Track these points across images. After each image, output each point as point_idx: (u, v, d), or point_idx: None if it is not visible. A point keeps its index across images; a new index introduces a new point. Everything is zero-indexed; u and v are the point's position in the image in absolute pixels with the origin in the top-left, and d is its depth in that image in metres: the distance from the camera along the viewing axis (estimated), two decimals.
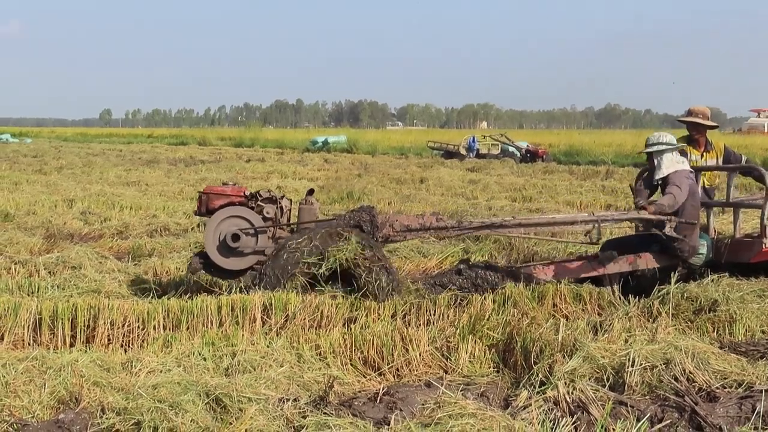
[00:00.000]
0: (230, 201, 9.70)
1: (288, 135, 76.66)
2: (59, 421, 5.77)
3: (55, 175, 29.60)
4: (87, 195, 21.09)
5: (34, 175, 28.93)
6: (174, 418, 5.45)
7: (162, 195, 22.53)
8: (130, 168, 34.03)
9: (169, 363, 6.88)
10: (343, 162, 41.56)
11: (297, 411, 5.89)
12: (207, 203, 9.71)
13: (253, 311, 8.35)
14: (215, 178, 28.08)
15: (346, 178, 29.18)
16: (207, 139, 72.22)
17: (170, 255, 12.34)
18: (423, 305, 8.74)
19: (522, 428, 4.93)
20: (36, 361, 6.59)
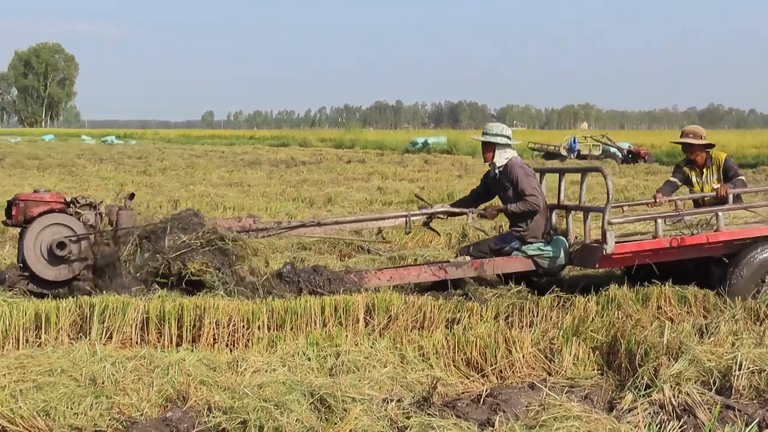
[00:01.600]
0: (50, 208, 9.22)
1: (388, 136, 76.74)
2: (167, 419, 5.85)
3: (159, 176, 30.03)
4: (191, 196, 21.39)
5: (138, 177, 29.39)
6: (279, 418, 5.49)
7: (264, 196, 22.73)
8: (232, 169, 34.40)
9: (274, 363, 6.94)
10: (443, 163, 41.49)
11: (401, 411, 5.90)
12: (25, 211, 9.15)
13: (356, 312, 8.38)
14: (317, 179, 28.26)
15: (446, 179, 29.14)
16: (308, 140, 72.61)
17: (273, 255, 12.40)
18: (526, 306, 8.71)
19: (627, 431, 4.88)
20: (144, 359, 6.71)
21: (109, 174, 30.81)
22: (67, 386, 6.22)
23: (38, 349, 7.24)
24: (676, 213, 10.41)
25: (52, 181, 26.58)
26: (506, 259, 10.13)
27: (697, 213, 10.49)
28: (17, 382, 6.22)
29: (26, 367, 6.47)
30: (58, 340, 7.82)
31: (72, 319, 8.05)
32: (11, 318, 7.89)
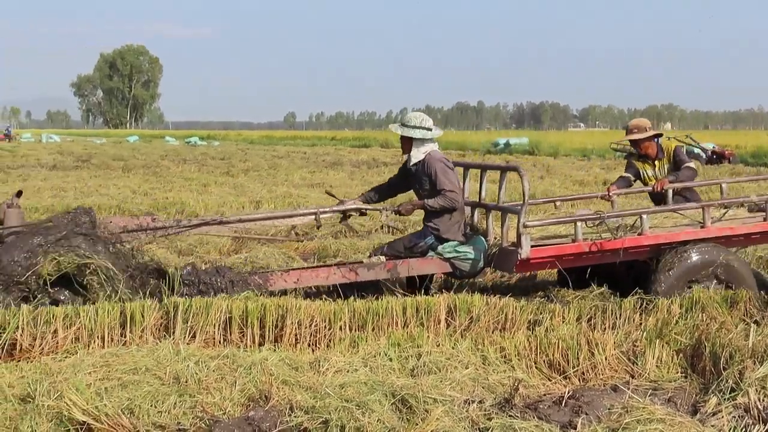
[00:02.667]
0: None
1: (470, 137, 76.72)
2: (249, 418, 5.89)
3: (242, 177, 30.28)
4: (273, 197, 21.54)
5: (221, 177, 29.66)
6: (361, 418, 5.51)
7: (346, 197, 22.76)
8: (314, 170, 34.59)
9: (356, 363, 6.97)
10: (525, 164, 41.28)
11: (482, 413, 5.90)
12: None
13: (438, 313, 8.38)
14: None
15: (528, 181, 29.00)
16: (389, 141, 72.56)
17: (354, 256, 12.45)
18: (608, 308, 8.64)
19: None
20: (227, 359, 6.77)
21: (192, 175, 31.14)
22: (151, 384, 6.29)
23: (123, 348, 7.34)
24: (597, 215, 9.92)
25: (137, 181, 26.93)
26: (422, 261, 9.74)
27: (621, 215, 10.18)
28: (102, 380, 6.31)
29: (111, 366, 6.56)
30: (143, 339, 7.91)
31: (156, 319, 8.14)
32: (97, 317, 8.00)
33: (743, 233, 9.85)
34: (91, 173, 32.70)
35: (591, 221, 9.77)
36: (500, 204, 9.98)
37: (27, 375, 6.47)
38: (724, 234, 9.69)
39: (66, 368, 6.56)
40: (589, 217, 9.80)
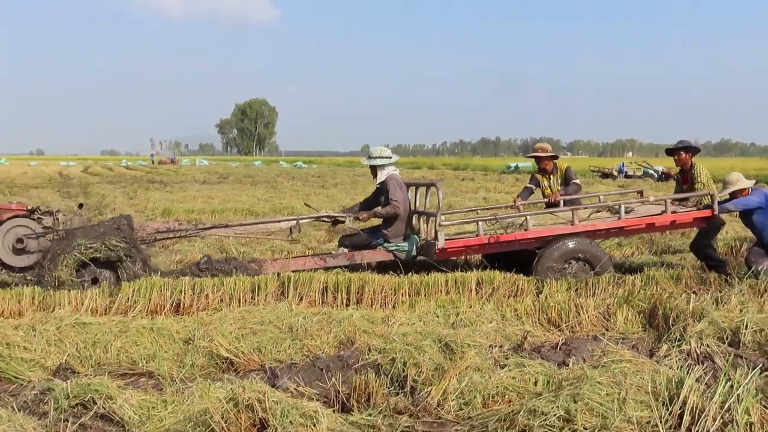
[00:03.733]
0: (15, 214, 8.88)
1: (490, 162, 76.30)
2: (340, 356, 5.91)
3: (333, 189, 30.31)
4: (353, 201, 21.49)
5: (318, 189, 29.72)
6: (417, 357, 5.50)
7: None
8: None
9: (413, 319, 6.97)
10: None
11: (502, 354, 5.85)
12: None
13: (470, 284, 8.35)
14: None
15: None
16: (434, 164, 72.60)
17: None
18: (590, 282, 8.56)
19: (665, 372, 4.77)
20: (324, 315, 6.80)
21: (298, 187, 31.25)
22: (273, 332, 6.35)
23: (253, 307, 7.39)
24: (494, 217, 9.82)
25: (260, 192, 27.05)
26: (373, 252, 9.56)
27: (513, 216, 10.02)
28: (239, 329, 6.36)
29: (245, 319, 6.61)
30: (266, 300, 7.97)
31: (275, 287, 8.19)
32: (234, 285, 8.08)
33: (601, 228, 9.66)
34: (229, 186, 32.92)
35: (490, 221, 9.65)
36: (425, 210, 10.00)
37: (188, 325, 6.53)
38: (587, 229, 9.50)
39: (214, 320, 6.62)
40: (487, 218, 9.70)
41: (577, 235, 9.37)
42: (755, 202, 9.48)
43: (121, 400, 4.63)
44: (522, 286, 8.42)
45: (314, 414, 4.30)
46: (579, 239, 9.33)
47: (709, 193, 9.69)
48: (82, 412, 4.61)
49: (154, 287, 7.93)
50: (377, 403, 4.92)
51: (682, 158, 10.14)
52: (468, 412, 4.84)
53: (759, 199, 9.48)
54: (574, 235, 9.36)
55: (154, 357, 5.90)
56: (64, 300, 7.71)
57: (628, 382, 4.61)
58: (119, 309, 7.71)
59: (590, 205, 10.39)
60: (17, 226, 8.73)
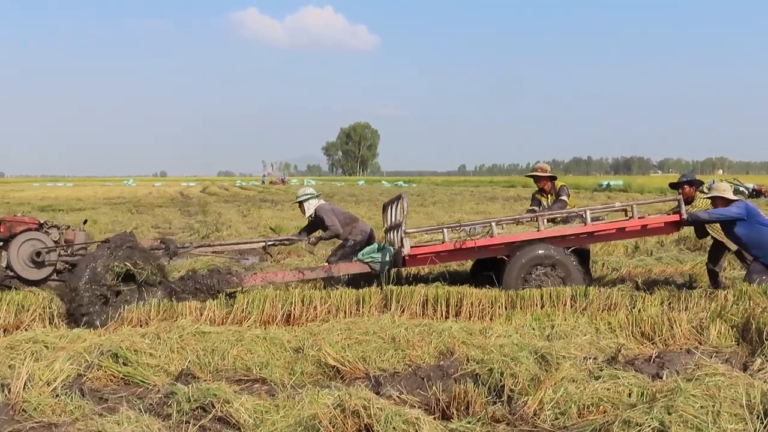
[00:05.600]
0: (29, 227, 8.62)
1: (582, 180, 74.95)
2: (440, 365, 5.90)
3: (431, 207, 30.35)
4: (451, 219, 21.46)
5: (418, 207, 29.79)
6: (514, 367, 5.44)
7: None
8: (478, 202, 34.33)
9: (510, 331, 6.89)
10: (620, 197, 40.08)
11: (596, 366, 5.74)
12: (11, 229, 8.56)
13: (565, 298, 8.20)
14: None
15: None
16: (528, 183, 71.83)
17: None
18: (682, 296, 8.30)
19: (759, 386, 4.60)
20: (425, 326, 6.78)
21: None
22: (377, 342, 6.36)
23: (358, 318, 7.44)
24: (458, 224, 9.60)
25: (364, 210, 27.25)
26: (349, 264, 9.50)
27: (478, 224, 9.68)
28: (345, 339, 6.41)
29: (351, 330, 6.65)
30: (370, 312, 8.01)
31: (379, 299, 8.23)
32: (341, 298, 8.16)
33: (565, 234, 9.25)
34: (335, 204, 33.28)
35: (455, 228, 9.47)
36: (394, 221, 9.86)
37: (298, 335, 6.62)
38: (552, 235, 9.14)
39: (323, 331, 6.68)
40: (451, 225, 9.51)
41: (544, 242, 9.07)
42: (733, 213, 8.97)
43: (238, 404, 4.73)
44: (616, 300, 8.22)
45: (416, 421, 4.30)
46: (545, 245, 9.04)
47: (676, 198, 9.43)
48: (202, 414, 4.72)
49: (267, 299, 8.09)
50: (476, 411, 4.89)
51: (686, 191, 9.81)
52: (564, 422, 4.76)
53: (738, 211, 8.97)
54: (541, 241, 9.06)
55: (267, 364, 6.00)
56: (186, 310, 7.94)
57: (722, 395, 4.47)
58: (235, 319, 7.89)
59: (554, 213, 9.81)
60: (32, 239, 8.52)
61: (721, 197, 9.24)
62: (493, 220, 9.37)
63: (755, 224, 8.89)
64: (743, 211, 8.97)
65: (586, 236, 9.39)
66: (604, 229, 9.46)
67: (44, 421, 4.77)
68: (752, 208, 8.99)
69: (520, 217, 9.94)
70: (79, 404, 5.00)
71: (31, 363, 5.54)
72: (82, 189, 65.25)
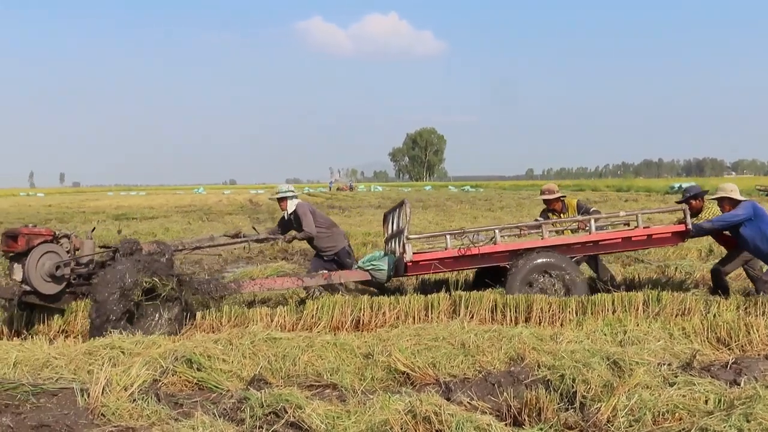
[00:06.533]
0: (45, 239, 7.96)
1: (653, 183, 73.68)
2: (511, 371, 5.85)
3: (499, 212, 30.11)
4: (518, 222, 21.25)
5: (485, 212, 29.63)
6: (586, 373, 5.38)
7: None
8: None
9: (581, 336, 6.79)
10: None
11: (671, 372, 5.63)
12: (29, 242, 7.86)
13: (637, 303, 8.07)
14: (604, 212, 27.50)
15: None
16: (597, 186, 70.95)
17: None
18: (759, 300, 8.08)
19: None
20: (495, 332, 6.73)
21: (467, 211, 31.28)
22: (446, 348, 6.34)
23: (427, 324, 7.43)
24: (461, 230, 9.32)
25: (431, 216, 27.22)
26: (349, 273, 9.36)
27: (480, 230, 9.52)
28: (415, 345, 6.40)
29: (420, 335, 6.64)
30: (439, 318, 8.01)
31: (447, 305, 8.22)
32: (409, 304, 8.18)
33: (569, 243, 9.12)
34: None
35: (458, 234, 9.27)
36: (396, 228, 9.62)
37: (368, 340, 6.63)
38: (557, 243, 9.01)
39: (392, 336, 6.69)
40: (453, 232, 9.30)
41: (548, 250, 8.93)
42: (740, 216, 8.74)
43: (309, 409, 4.76)
44: (690, 305, 8.06)
45: (487, 427, 4.28)
46: (550, 252, 8.90)
47: (681, 209, 9.26)
48: (274, 419, 4.77)
49: (336, 305, 8.16)
50: (548, 417, 4.84)
51: (694, 205, 9.59)
52: (638, 429, 4.68)
53: (745, 213, 8.72)
54: (544, 249, 8.93)
55: (337, 370, 6.03)
56: (257, 316, 8.05)
57: None
58: (305, 325, 7.98)
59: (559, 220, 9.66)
60: (50, 251, 7.96)
61: (727, 197, 9.07)
62: (497, 227, 9.35)
63: (764, 225, 8.68)
64: (749, 211, 8.76)
65: (591, 245, 9.28)
66: (610, 238, 9.32)
67: (122, 425, 4.87)
68: (760, 208, 8.77)
69: (523, 225, 9.87)
70: (156, 409, 5.09)
71: (108, 368, 5.66)
72: (154, 197, 66.75)
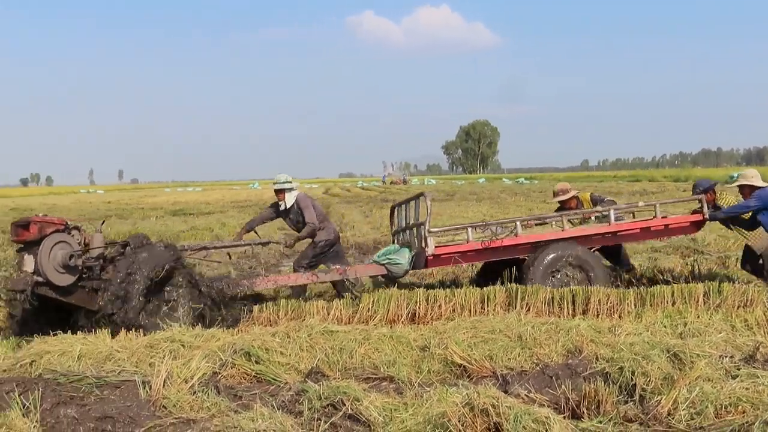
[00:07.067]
0: (57, 228, 7.59)
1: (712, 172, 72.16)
2: (569, 364, 5.81)
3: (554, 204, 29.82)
4: None
5: (540, 204, 29.35)
6: (646, 366, 5.31)
7: None
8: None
9: (640, 329, 6.73)
10: None
11: (732, 365, 5.54)
12: (42, 230, 7.48)
13: (697, 295, 7.93)
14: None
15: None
16: (654, 177, 69.73)
17: (635, 256, 11.97)
18: None
19: None
20: (552, 325, 6.69)
21: (521, 203, 31.04)
22: (503, 341, 6.33)
23: (483, 317, 7.42)
24: (483, 223, 9.32)
25: (485, 208, 27.11)
26: (365, 266, 9.22)
27: (503, 223, 9.44)
28: (471, 337, 6.40)
29: (477, 328, 6.64)
30: (495, 310, 7.98)
31: (503, 297, 8.18)
32: (465, 296, 8.16)
33: (588, 234, 9.13)
34: (455, 204, 33.28)
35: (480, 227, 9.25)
36: (415, 222, 9.44)
37: (424, 333, 6.64)
38: (578, 234, 9.03)
39: (448, 329, 6.69)
40: (475, 224, 9.25)
41: (568, 241, 8.91)
42: (750, 206, 8.76)
43: (367, 402, 4.79)
44: (752, 297, 7.88)
45: (546, 420, 4.25)
46: (569, 243, 8.88)
47: (698, 198, 9.34)
48: (332, 412, 4.81)
49: (392, 298, 8.17)
50: (607, 410, 4.80)
51: (709, 198, 9.52)
52: (700, 422, 4.61)
53: (756, 203, 8.73)
54: (565, 240, 8.91)
55: (394, 363, 6.05)
56: (313, 309, 8.12)
57: None
58: (361, 318, 8.01)
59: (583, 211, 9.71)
60: (62, 241, 7.63)
61: (748, 185, 9.03)
62: (518, 219, 9.34)
63: None
64: (762, 201, 8.74)
65: (610, 236, 9.31)
66: (628, 228, 9.39)
67: (183, 416, 4.95)
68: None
69: (545, 218, 9.85)
70: (215, 401, 5.17)
71: (169, 361, 5.76)
72: (210, 193, 67.54)
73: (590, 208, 10.09)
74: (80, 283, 7.70)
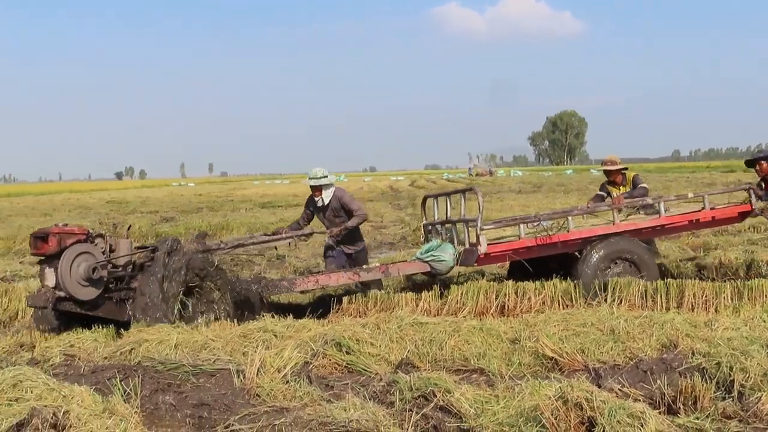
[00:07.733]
0: (78, 239, 7.22)
1: None
2: (663, 359, 5.68)
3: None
4: None
5: None
6: (744, 362, 5.15)
7: None
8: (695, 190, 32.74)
9: (738, 323, 6.51)
10: None
11: None
12: (61, 241, 7.10)
13: None
14: None
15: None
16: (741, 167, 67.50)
17: (731, 248, 11.63)
18: None
19: None
20: (645, 318, 6.56)
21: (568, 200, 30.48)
22: (595, 334, 6.25)
23: (574, 309, 7.35)
24: (535, 217, 8.91)
25: (573, 200, 26.70)
26: (407, 264, 8.85)
27: (553, 217, 9.05)
28: (562, 330, 6.34)
29: (568, 321, 6.56)
30: (587, 302, 7.89)
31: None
32: (554, 289, 8.09)
33: (640, 227, 8.90)
34: (543, 195, 32.98)
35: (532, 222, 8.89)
36: (463, 217, 9.09)
37: (514, 326, 6.60)
38: (629, 228, 8.77)
39: (539, 322, 6.64)
40: (529, 220, 8.88)
41: (620, 235, 8.70)
42: None
43: (458, 393, 4.78)
44: None
45: (641, 415, 4.17)
46: (622, 238, 8.69)
47: (746, 188, 9.18)
48: (423, 403, 4.82)
49: (481, 290, 8.15)
50: (704, 406, 4.67)
51: (764, 167, 9.39)
52: None
53: None
54: (617, 234, 8.70)
55: (484, 355, 6.04)
56: (402, 301, 8.15)
57: None
58: (450, 310, 8.01)
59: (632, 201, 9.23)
60: (84, 252, 7.25)
61: None
62: (569, 212, 9.09)
63: None
64: None
65: (660, 229, 9.15)
66: (678, 221, 9.18)
67: (276, 405, 5.03)
68: None
69: (593, 210, 9.45)
70: (308, 390, 5.24)
71: (262, 350, 5.86)
72: (297, 185, 68.35)
73: (630, 188, 10.07)
74: (107, 294, 7.45)
